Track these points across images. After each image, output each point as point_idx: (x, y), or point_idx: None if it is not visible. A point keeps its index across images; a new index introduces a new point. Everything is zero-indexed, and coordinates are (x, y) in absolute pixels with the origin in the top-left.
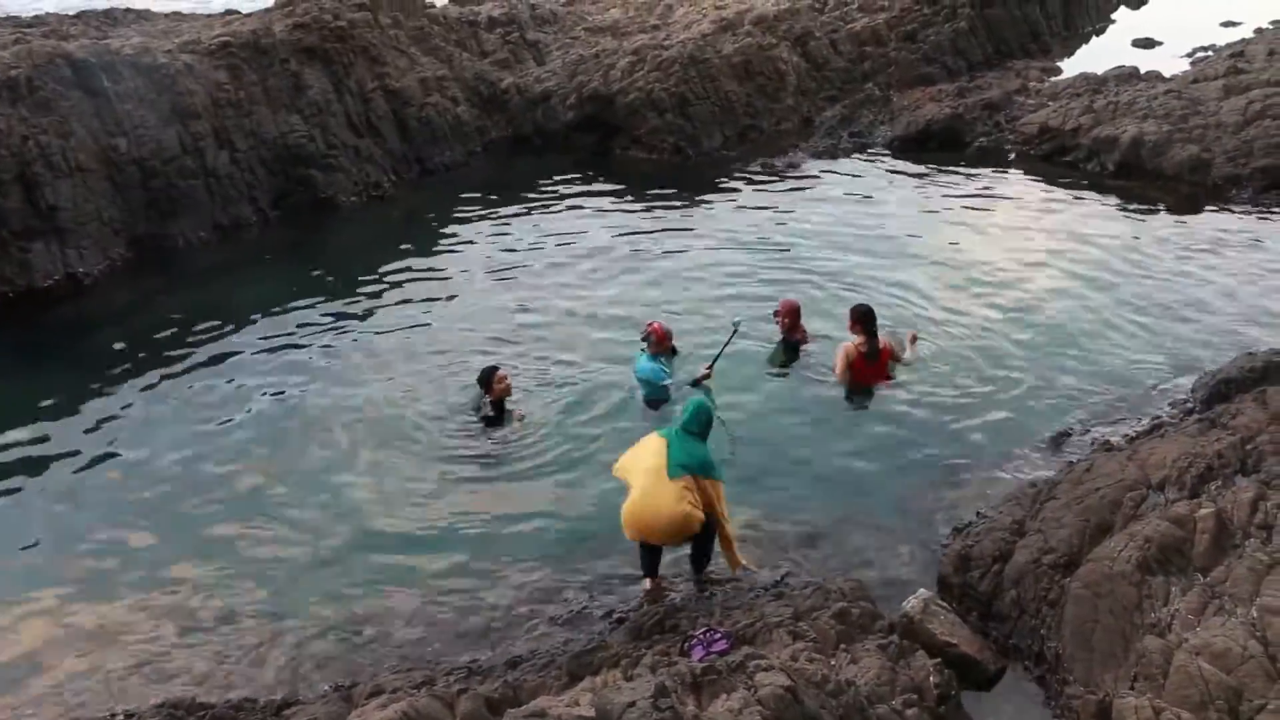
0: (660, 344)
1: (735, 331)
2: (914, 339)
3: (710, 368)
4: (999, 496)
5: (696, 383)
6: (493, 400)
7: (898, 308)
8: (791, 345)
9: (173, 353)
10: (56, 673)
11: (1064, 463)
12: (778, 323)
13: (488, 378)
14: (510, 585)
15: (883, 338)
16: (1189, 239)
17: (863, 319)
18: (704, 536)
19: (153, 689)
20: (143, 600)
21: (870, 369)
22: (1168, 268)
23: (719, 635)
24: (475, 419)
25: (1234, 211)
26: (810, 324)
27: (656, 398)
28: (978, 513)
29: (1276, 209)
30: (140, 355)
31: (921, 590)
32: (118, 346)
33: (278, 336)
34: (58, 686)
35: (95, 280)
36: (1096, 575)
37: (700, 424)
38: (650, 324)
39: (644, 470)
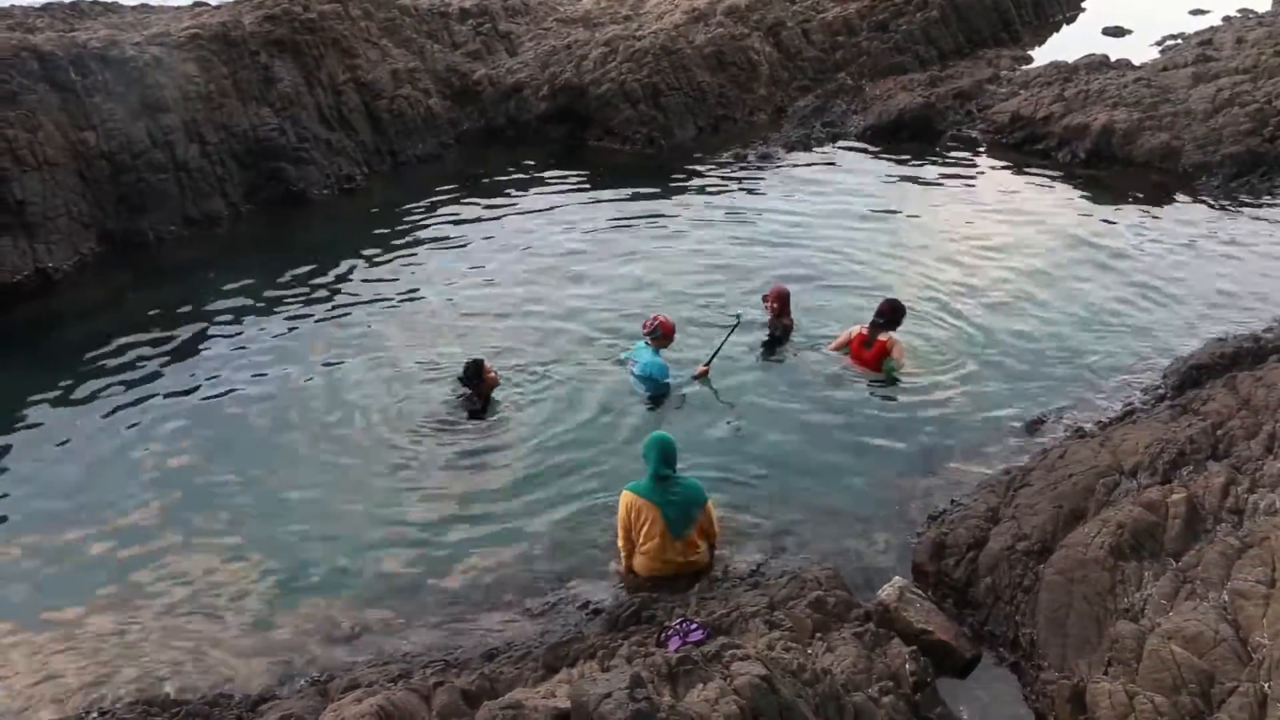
0: (667, 338)
1: (735, 327)
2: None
3: (708, 364)
4: (973, 484)
5: (696, 377)
6: (478, 394)
7: (872, 297)
8: (776, 333)
9: (144, 348)
10: (28, 671)
11: (1037, 450)
12: (766, 308)
13: (476, 371)
14: (486, 578)
15: (890, 338)
16: (1159, 226)
17: (879, 309)
18: None
19: (127, 686)
20: (113, 597)
21: (861, 353)
22: (1138, 255)
23: (695, 626)
24: (454, 412)
25: (1203, 199)
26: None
27: (657, 394)
28: (952, 500)
29: (1245, 196)
30: (111, 350)
31: (897, 578)
32: (88, 342)
33: (250, 331)
34: (30, 685)
35: (65, 275)
36: (1070, 561)
37: (670, 462)
38: (656, 317)
39: (647, 543)
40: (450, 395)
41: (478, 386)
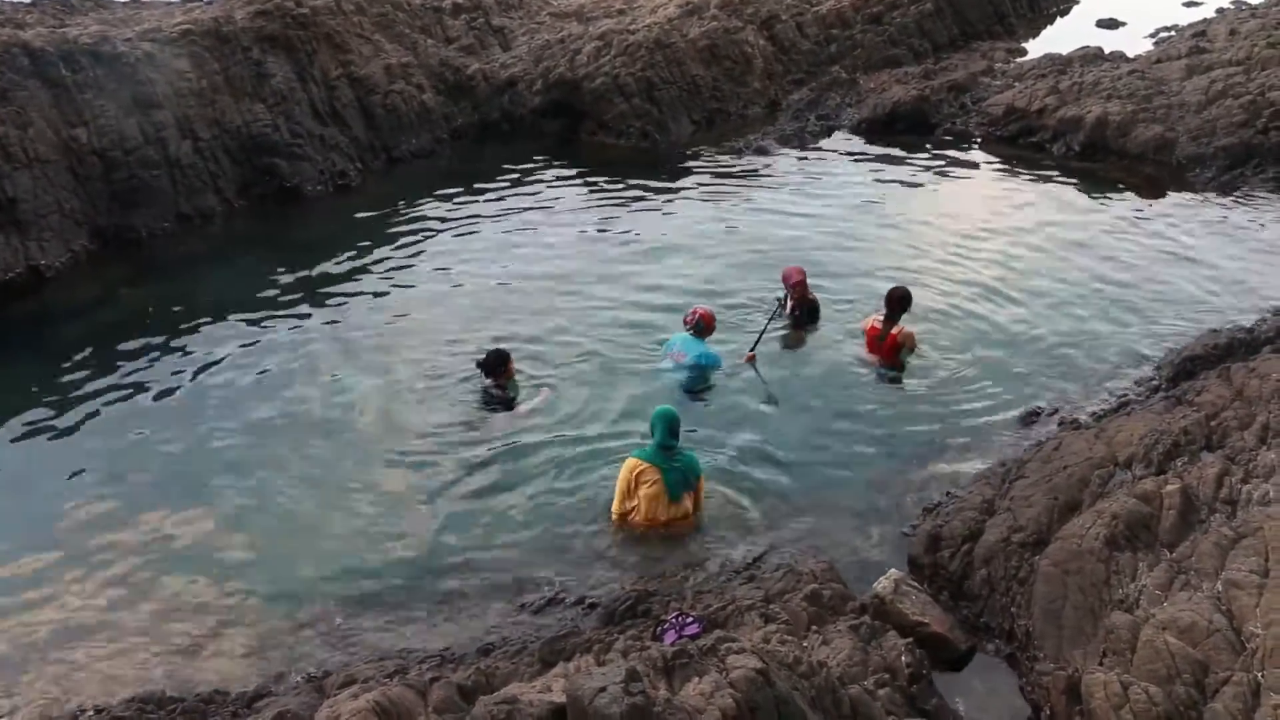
0: (709, 328)
1: (777, 309)
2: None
3: (754, 349)
4: (968, 476)
5: (746, 362)
6: (497, 384)
7: (867, 291)
8: (799, 315)
9: (137, 345)
10: (22, 668)
11: (1032, 442)
12: (791, 289)
13: (503, 361)
14: (482, 573)
15: (904, 329)
16: (1153, 218)
17: (887, 301)
18: None
19: (122, 683)
20: (108, 593)
21: (875, 347)
22: (1133, 247)
23: (691, 619)
24: (451, 407)
25: (1197, 190)
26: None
27: (698, 385)
28: (947, 492)
29: (1238, 188)
30: (104, 348)
31: (892, 570)
32: (81, 339)
33: (244, 327)
34: (24, 682)
35: (57, 272)
36: (1065, 553)
37: (675, 433)
38: (695, 310)
39: (645, 496)
40: (451, 388)
41: (500, 376)
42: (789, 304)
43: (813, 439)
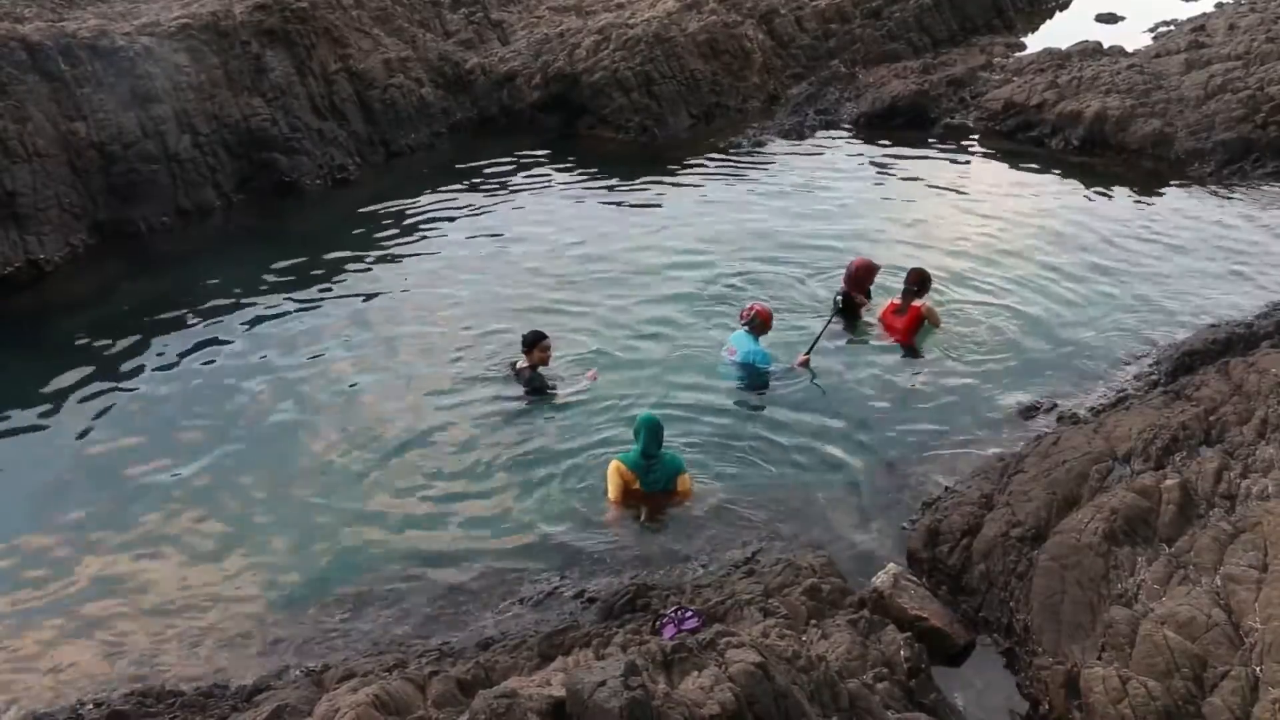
0: (765, 326)
1: (834, 314)
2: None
3: (809, 353)
4: (967, 471)
5: (799, 365)
6: (531, 366)
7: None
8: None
9: (137, 339)
10: (21, 662)
11: (1031, 436)
12: (861, 281)
13: (539, 340)
14: (481, 567)
15: (925, 304)
16: (1152, 213)
17: (908, 278)
18: None
19: (121, 677)
20: (108, 588)
21: (892, 321)
22: (1131, 242)
23: (690, 613)
24: (446, 400)
25: (1196, 185)
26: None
27: (756, 381)
28: (946, 487)
29: (1237, 182)
30: (103, 342)
31: (891, 565)
32: (80, 333)
33: (243, 321)
34: (23, 676)
35: (56, 266)
36: (1064, 547)
37: (658, 441)
38: (752, 307)
39: (628, 493)
40: (450, 380)
41: (532, 356)
42: (851, 298)
43: (812, 433)
